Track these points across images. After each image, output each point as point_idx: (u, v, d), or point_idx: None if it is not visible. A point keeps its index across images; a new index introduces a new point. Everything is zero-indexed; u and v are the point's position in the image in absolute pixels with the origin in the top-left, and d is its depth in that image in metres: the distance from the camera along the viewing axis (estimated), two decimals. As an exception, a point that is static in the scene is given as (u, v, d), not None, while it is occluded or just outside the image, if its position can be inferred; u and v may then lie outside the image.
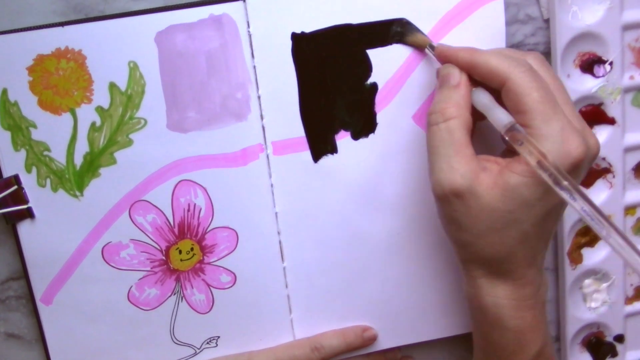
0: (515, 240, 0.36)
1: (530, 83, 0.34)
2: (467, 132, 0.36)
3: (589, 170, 0.47)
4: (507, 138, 0.35)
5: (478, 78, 0.37)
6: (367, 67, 0.42)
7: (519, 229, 0.35)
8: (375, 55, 0.42)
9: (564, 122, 0.34)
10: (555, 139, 0.33)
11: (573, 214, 0.47)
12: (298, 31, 0.41)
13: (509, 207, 0.34)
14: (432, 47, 0.41)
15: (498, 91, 0.36)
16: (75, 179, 0.41)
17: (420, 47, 0.42)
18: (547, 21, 0.45)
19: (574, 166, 0.34)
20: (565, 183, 0.32)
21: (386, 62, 0.42)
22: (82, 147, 0.41)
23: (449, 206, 0.36)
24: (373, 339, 0.46)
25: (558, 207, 0.36)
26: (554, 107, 0.34)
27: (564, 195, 0.32)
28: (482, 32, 0.43)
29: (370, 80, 0.42)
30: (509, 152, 0.37)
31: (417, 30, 0.42)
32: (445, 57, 0.39)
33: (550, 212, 0.36)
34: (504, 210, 0.34)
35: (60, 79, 0.40)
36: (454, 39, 0.42)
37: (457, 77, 0.37)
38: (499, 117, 0.35)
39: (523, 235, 0.36)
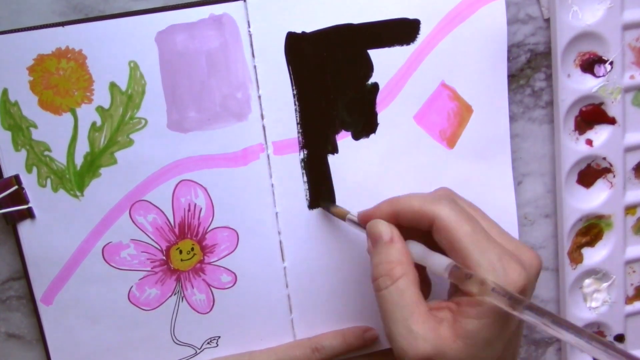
0: None
1: (457, 216, 0.34)
2: (416, 287, 0.34)
3: (590, 170, 0.47)
4: (451, 280, 0.34)
5: (405, 224, 0.36)
6: (368, 67, 0.42)
7: None
8: (377, 55, 0.42)
9: (499, 250, 0.33)
10: (496, 270, 0.32)
11: (572, 214, 0.47)
12: (299, 31, 0.41)
13: (473, 353, 0.33)
14: (351, 220, 0.40)
15: (427, 232, 0.35)
16: (75, 179, 0.41)
17: (341, 218, 0.41)
18: (547, 21, 0.45)
19: (520, 292, 0.32)
20: (525, 303, 0.30)
21: (387, 62, 0.42)
22: (82, 147, 0.41)
23: None
24: (374, 340, 0.46)
25: (518, 330, 0.35)
26: (486, 236, 0.33)
27: (527, 316, 0.30)
28: (483, 32, 0.43)
29: (371, 80, 0.42)
30: (455, 292, 0.35)
31: (334, 206, 0.43)
32: (368, 217, 0.38)
33: (511, 338, 0.34)
34: (470, 358, 0.33)
35: (60, 78, 0.40)
36: (455, 39, 0.42)
37: (388, 232, 0.36)
38: (438, 262, 0.34)
39: None
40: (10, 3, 0.40)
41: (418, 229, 0.36)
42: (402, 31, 0.42)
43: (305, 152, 0.43)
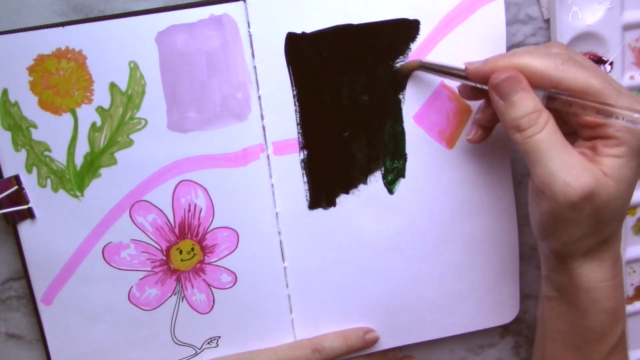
0: (620, 221, 0.36)
1: (584, 73, 0.34)
2: (558, 129, 0.35)
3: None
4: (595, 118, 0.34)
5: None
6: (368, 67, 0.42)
7: (624, 209, 0.36)
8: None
9: (630, 96, 0.34)
10: (630, 113, 0.33)
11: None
12: (299, 31, 0.41)
13: (621, 193, 0.34)
14: (438, 70, 0.40)
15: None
16: (75, 179, 0.41)
17: (412, 69, 0.42)
18: (547, 21, 0.45)
19: None
20: None
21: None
22: (82, 147, 0.41)
23: (576, 209, 0.34)
24: (374, 341, 0.46)
25: None
26: (613, 84, 0.34)
27: None
28: (482, 33, 0.43)
29: (370, 81, 0.42)
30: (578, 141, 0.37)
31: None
32: (485, 71, 0.37)
33: None
34: (619, 198, 0.34)
35: (60, 79, 0.40)
36: (454, 40, 0.42)
37: (521, 79, 0.35)
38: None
39: (624, 214, 0.36)
40: (10, 3, 0.40)
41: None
42: (401, 32, 0.42)
43: (305, 153, 0.43)
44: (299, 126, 0.42)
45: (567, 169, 0.34)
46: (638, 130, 0.33)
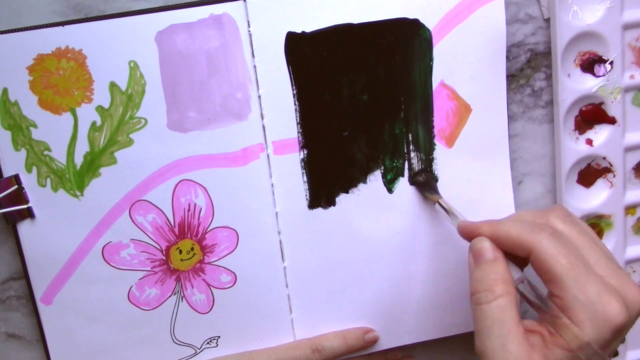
0: None
1: (556, 249, 0.33)
2: (516, 308, 0.34)
3: (590, 170, 0.47)
4: (543, 320, 0.34)
5: (503, 249, 0.36)
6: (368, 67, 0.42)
7: None
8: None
9: (599, 285, 0.32)
10: (594, 305, 0.32)
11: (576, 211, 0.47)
12: (299, 31, 0.41)
13: None
14: (443, 208, 0.41)
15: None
16: (75, 178, 0.41)
17: (432, 201, 0.43)
18: (547, 20, 0.45)
19: (615, 332, 0.32)
20: None
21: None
22: (82, 147, 0.41)
23: None
24: (374, 341, 0.46)
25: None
26: (586, 270, 0.33)
27: None
28: (482, 32, 0.43)
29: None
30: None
31: (435, 189, 0.43)
32: (468, 233, 0.38)
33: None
34: None
35: (60, 78, 0.40)
36: (454, 39, 0.42)
37: (492, 251, 0.36)
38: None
39: None
40: (10, 3, 0.40)
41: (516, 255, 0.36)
42: (401, 31, 0.42)
43: (305, 152, 0.43)
44: (298, 126, 0.42)
45: (501, 353, 0.33)
46: (601, 323, 0.32)
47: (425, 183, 0.44)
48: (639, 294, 0.34)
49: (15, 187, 0.41)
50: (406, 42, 0.42)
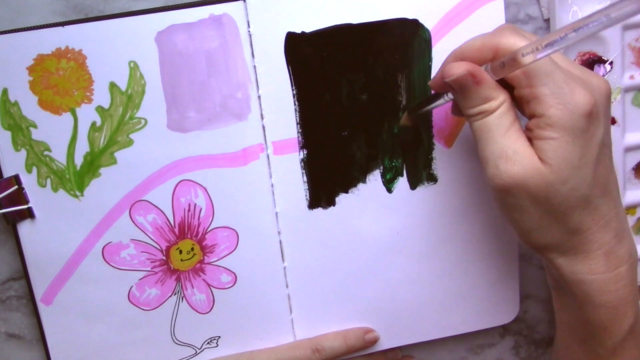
0: (583, 209, 0.34)
1: (521, 42, 0.33)
2: (513, 110, 0.35)
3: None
4: (496, 75, 0.34)
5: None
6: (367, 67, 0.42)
7: (579, 195, 0.34)
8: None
9: (564, 73, 0.33)
10: (562, 90, 0.32)
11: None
12: (298, 31, 0.41)
13: (563, 179, 0.33)
14: (424, 105, 0.41)
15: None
16: (75, 179, 0.41)
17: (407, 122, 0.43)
18: (547, 21, 0.45)
19: (588, 116, 0.32)
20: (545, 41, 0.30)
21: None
22: (82, 147, 0.41)
23: (511, 196, 0.34)
24: (374, 341, 0.46)
25: (603, 148, 0.35)
26: (552, 63, 0.33)
27: (546, 51, 0.30)
28: (482, 31, 0.42)
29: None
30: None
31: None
32: (438, 79, 0.37)
33: (599, 160, 0.34)
34: (561, 185, 0.33)
35: (60, 78, 0.40)
36: (454, 39, 0.42)
37: (469, 71, 0.34)
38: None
39: (583, 200, 0.34)
40: (10, 3, 0.40)
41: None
42: (400, 31, 0.42)
43: (305, 152, 0.43)
44: (298, 126, 0.42)
45: (500, 155, 0.33)
46: (572, 108, 0.32)
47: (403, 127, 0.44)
48: (604, 81, 0.35)
49: (15, 187, 0.41)
50: (405, 42, 0.42)
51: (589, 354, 0.38)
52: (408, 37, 0.42)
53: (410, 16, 0.42)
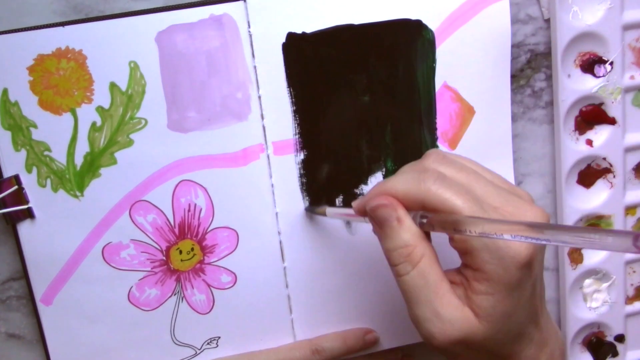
0: (514, 342, 0.33)
1: (447, 193, 0.31)
2: (437, 264, 0.33)
3: (590, 170, 0.47)
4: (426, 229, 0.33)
5: None
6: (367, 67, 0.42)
7: (511, 335, 0.33)
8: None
9: (495, 225, 0.29)
10: (494, 246, 0.30)
11: (573, 214, 0.47)
12: (299, 31, 0.41)
13: (499, 328, 0.32)
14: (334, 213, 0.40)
15: None
16: (75, 179, 0.41)
17: (322, 214, 0.41)
18: (547, 21, 0.45)
19: (523, 268, 0.30)
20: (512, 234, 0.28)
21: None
22: (82, 147, 0.41)
23: (447, 352, 0.33)
24: (374, 342, 0.46)
25: (535, 282, 0.33)
26: (481, 208, 0.31)
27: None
28: (487, 33, 0.43)
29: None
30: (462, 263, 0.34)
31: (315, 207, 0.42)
32: (361, 206, 0.35)
33: (531, 295, 0.33)
34: (496, 335, 0.32)
35: (60, 78, 0.40)
36: (458, 40, 0.42)
37: (393, 213, 0.33)
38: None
39: (515, 336, 0.33)
40: (10, 3, 0.40)
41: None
42: (403, 32, 0.42)
43: (305, 153, 0.43)
44: (298, 126, 0.42)
45: (432, 318, 0.32)
46: (508, 262, 0.30)
47: (312, 210, 0.43)
48: (541, 214, 0.32)
49: (16, 187, 0.41)
50: (409, 43, 0.42)
51: None
52: (411, 38, 0.42)
53: (413, 17, 0.42)
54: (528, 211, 0.32)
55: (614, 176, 0.47)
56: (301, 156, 0.43)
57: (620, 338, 0.50)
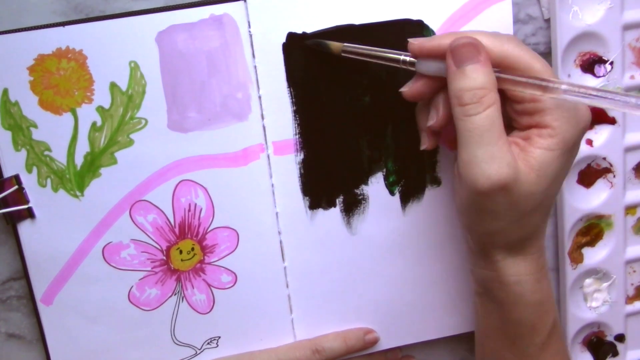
0: (543, 216, 0.36)
1: (529, 54, 0.34)
2: (501, 116, 0.34)
3: (590, 170, 0.47)
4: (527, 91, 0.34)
5: None
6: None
7: (547, 203, 0.36)
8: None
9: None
10: (565, 107, 0.34)
11: (573, 214, 0.47)
12: (299, 31, 0.41)
13: (543, 188, 0.34)
14: (364, 54, 0.39)
15: None
16: (75, 179, 0.41)
17: (336, 51, 0.40)
18: (547, 21, 0.45)
19: (583, 132, 0.35)
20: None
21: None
22: (82, 147, 0.41)
23: (489, 199, 0.34)
24: (374, 342, 0.46)
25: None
26: (556, 75, 0.35)
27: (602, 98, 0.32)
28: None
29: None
30: (514, 130, 0.36)
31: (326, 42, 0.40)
32: (431, 46, 0.36)
33: (572, 160, 0.37)
34: (540, 192, 0.34)
35: (61, 78, 0.40)
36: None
37: (481, 50, 0.34)
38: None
39: (547, 210, 0.36)
40: (10, 3, 0.40)
41: None
42: (404, 32, 0.42)
43: (306, 153, 0.43)
44: (299, 126, 0.42)
45: (491, 159, 0.33)
46: (574, 122, 0.34)
47: (319, 43, 0.41)
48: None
49: (16, 187, 0.41)
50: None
51: (518, 355, 0.40)
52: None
53: (414, 17, 0.42)
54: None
55: (614, 176, 0.47)
56: (301, 156, 0.43)
57: (620, 338, 0.50)
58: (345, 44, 0.39)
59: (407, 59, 0.37)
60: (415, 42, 0.37)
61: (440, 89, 0.37)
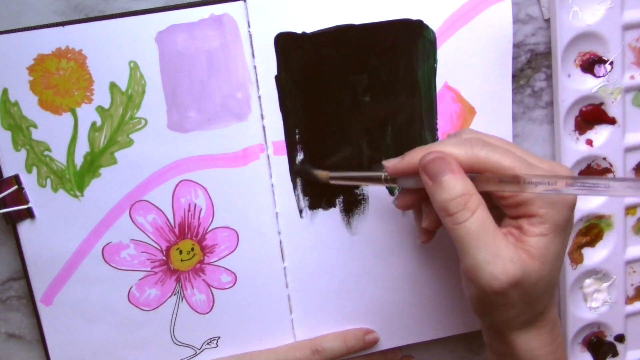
0: (551, 293, 0.37)
1: (495, 155, 0.35)
2: (489, 214, 0.35)
3: (590, 170, 0.47)
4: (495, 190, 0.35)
5: None
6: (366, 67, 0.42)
7: (554, 283, 0.36)
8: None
9: (547, 167, 0.35)
10: (546, 194, 0.34)
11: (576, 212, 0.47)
12: (299, 31, 0.41)
13: (548, 271, 0.35)
14: (349, 179, 0.41)
15: None
16: (75, 179, 0.41)
17: (324, 180, 0.42)
18: (547, 21, 0.45)
19: (572, 208, 0.35)
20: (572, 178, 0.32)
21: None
22: (82, 147, 0.41)
23: (504, 297, 0.34)
24: (374, 342, 0.46)
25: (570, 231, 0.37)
26: (527, 163, 0.35)
27: (575, 189, 0.32)
28: (488, 33, 0.42)
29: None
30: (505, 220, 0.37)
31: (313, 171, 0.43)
32: (404, 165, 0.37)
33: (568, 237, 0.37)
34: (546, 276, 0.35)
35: (60, 78, 0.40)
36: (459, 40, 0.42)
37: (450, 160, 0.35)
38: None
39: (554, 285, 0.37)
40: (10, 3, 0.40)
41: None
42: (404, 32, 0.42)
43: (305, 153, 0.43)
44: (299, 127, 0.42)
45: (494, 260, 0.33)
46: (560, 205, 0.34)
47: (306, 172, 0.43)
48: (565, 168, 0.36)
49: (15, 187, 0.41)
50: (409, 43, 0.42)
51: None
52: (412, 38, 0.42)
53: (414, 17, 0.42)
54: (559, 167, 0.36)
55: (614, 176, 0.47)
56: (301, 156, 0.43)
57: (620, 338, 0.50)
58: (331, 174, 0.42)
59: (389, 177, 0.38)
60: (388, 165, 0.38)
61: (427, 196, 0.37)
